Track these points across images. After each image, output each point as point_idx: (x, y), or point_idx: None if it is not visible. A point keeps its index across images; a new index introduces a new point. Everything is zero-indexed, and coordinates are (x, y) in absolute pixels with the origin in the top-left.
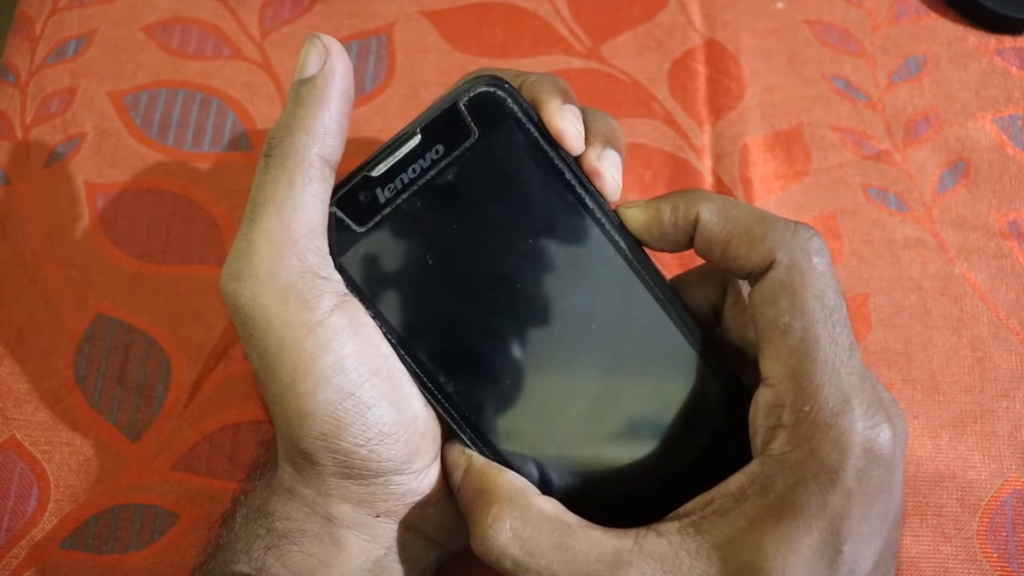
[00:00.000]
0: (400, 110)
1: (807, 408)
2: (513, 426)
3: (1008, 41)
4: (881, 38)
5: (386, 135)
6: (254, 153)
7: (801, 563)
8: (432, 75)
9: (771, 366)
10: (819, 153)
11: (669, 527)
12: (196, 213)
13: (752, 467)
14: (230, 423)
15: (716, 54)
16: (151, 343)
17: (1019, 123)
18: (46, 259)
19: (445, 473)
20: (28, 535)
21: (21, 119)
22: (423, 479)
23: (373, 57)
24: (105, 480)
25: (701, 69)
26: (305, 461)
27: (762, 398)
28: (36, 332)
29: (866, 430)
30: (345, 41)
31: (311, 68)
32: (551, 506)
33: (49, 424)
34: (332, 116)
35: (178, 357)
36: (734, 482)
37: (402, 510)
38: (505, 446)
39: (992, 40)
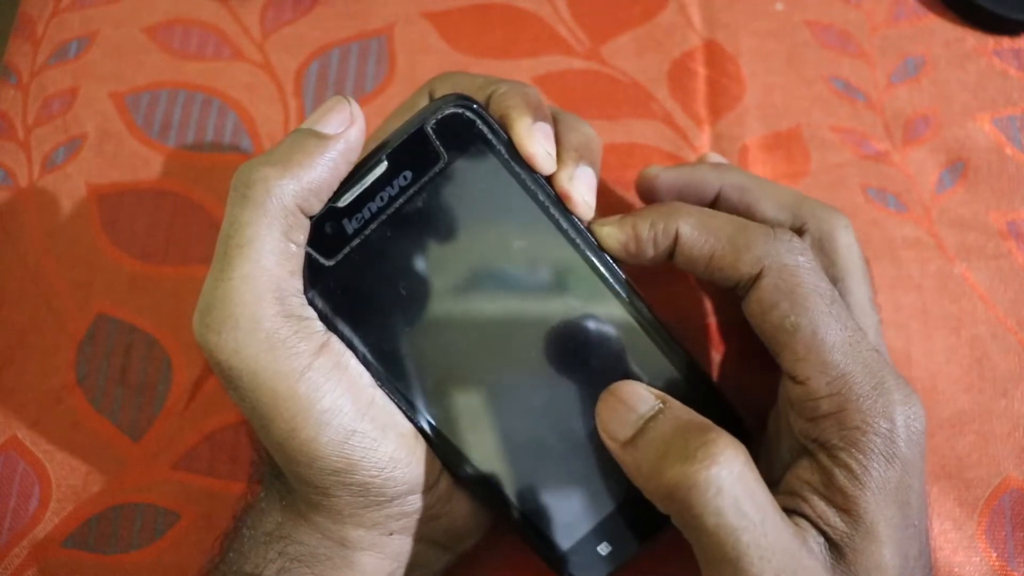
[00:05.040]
0: None
1: (844, 392)
2: (495, 449)
3: (1006, 42)
4: (880, 39)
5: None
6: (255, 153)
7: (897, 532)
8: (432, 76)
9: (793, 365)
10: (818, 153)
11: (815, 531)
12: (197, 213)
13: (822, 462)
14: (231, 423)
15: (715, 55)
16: (152, 343)
17: (1017, 124)
18: (47, 260)
19: (610, 413)
20: (30, 534)
21: (23, 120)
22: (435, 493)
23: (373, 58)
24: (106, 480)
25: (700, 70)
26: (320, 496)
27: (793, 394)
28: (37, 332)
29: (904, 399)
30: (345, 42)
31: (329, 128)
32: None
33: (51, 424)
34: (327, 180)
35: (179, 357)
36: (824, 485)
37: (415, 525)
38: (486, 470)
39: (990, 41)
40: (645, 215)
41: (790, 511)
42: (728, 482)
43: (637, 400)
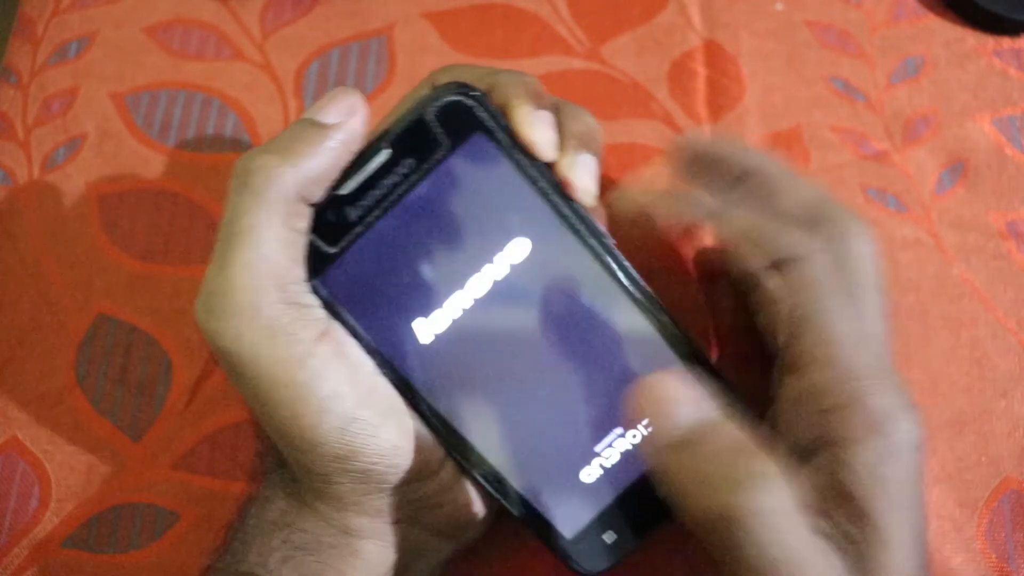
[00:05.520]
0: None
1: (847, 390)
2: (499, 437)
3: (1006, 42)
4: (880, 39)
5: None
6: None
7: (909, 535)
8: None
9: (798, 356)
10: (818, 154)
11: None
12: (197, 214)
13: (825, 465)
14: (231, 423)
15: (715, 55)
16: (152, 343)
17: (1018, 124)
18: (47, 260)
19: (655, 408)
20: (30, 534)
21: (23, 120)
22: (437, 481)
23: (373, 58)
24: (106, 480)
25: (700, 70)
26: (322, 483)
27: (795, 391)
28: (37, 332)
29: (904, 402)
30: (345, 42)
31: (331, 117)
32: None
33: (51, 424)
34: (328, 168)
35: (179, 357)
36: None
37: (418, 513)
38: (490, 458)
39: (990, 41)
40: (661, 196)
41: None
42: (771, 517)
43: (688, 401)
